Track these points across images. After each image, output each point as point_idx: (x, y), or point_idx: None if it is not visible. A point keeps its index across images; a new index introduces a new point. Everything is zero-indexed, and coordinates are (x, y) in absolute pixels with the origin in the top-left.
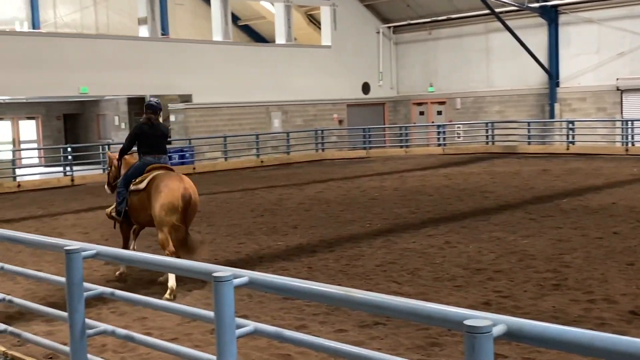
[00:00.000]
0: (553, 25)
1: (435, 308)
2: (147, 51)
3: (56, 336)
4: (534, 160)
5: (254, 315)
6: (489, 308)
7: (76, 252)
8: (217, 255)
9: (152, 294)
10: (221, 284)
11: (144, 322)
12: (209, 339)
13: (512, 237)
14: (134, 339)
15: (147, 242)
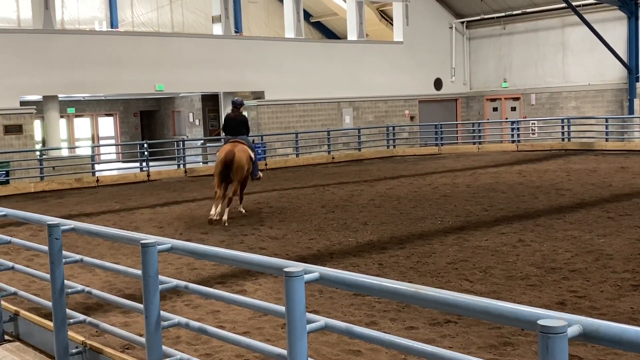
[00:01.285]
0: (633, 18)
1: (508, 307)
2: (221, 49)
3: (132, 327)
4: (612, 158)
5: (324, 310)
6: (563, 308)
7: (152, 246)
8: (289, 250)
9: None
10: (292, 279)
11: (216, 315)
12: (280, 334)
13: (589, 236)
14: (207, 331)
15: (220, 237)
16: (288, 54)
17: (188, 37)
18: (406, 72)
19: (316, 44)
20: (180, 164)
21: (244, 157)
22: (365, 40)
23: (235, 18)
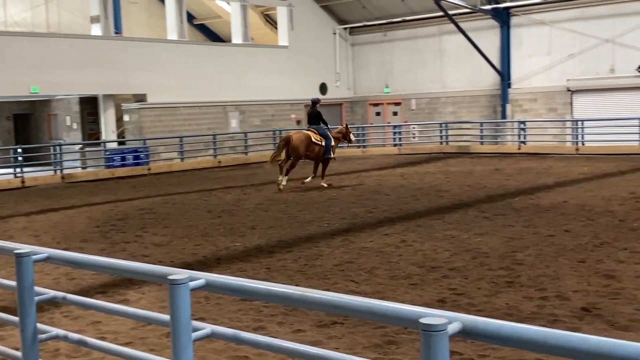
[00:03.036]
0: (505, 27)
1: (391, 307)
2: (100, 50)
3: (7, 341)
4: (487, 160)
5: (211, 317)
6: (444, 306)
7: (26, 256)
8: (173, 257)
9: (106, 298)
10: (177, 287)
11: (97, 327)
12: (165, 343)
13: (466, 235)
14: (87, 343)
15: (101, 245)
16: (171, 56)
17: (65, 37)
18: (292, 76)
19: (201, 46)
20: (57, 169)
21: (298, 141)
22: (250, 43)
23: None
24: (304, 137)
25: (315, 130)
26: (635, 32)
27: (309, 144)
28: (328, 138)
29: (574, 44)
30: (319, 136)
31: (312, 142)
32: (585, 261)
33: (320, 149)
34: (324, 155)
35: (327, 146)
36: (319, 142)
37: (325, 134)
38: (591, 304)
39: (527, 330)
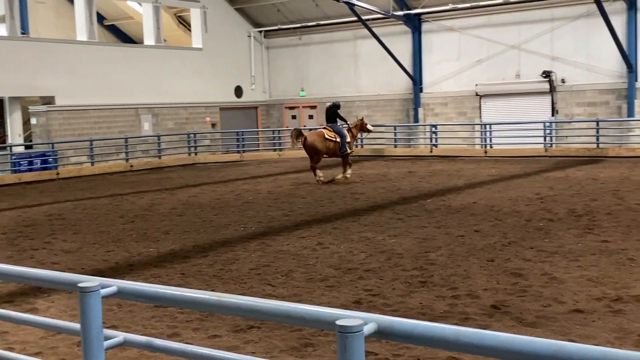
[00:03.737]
0: (417, 33)
1: (308, 309)
2: (6, 51)
3: None
4: (401, 163)
5: (123, 325)
6: (359, 307)
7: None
8: (84, 264)
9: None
10: (87, 295)
11: (4, 337)
12: (76, 352)
13: (381, 237)
14: None
15: (8, 252)
16: (81, 58)
17: None
18: (206, 78)
19: (112, 47)
20: None
21: (310, 140)
22: (163, 45)
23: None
24: (317, 135)
25: (330, 128)
26: (539, 39)
27: (323, 141)
28: (343, 135)
29: (482, 50)
30: (333, 133)
31: (326, 139)
32: (494, 260)
33: (336, 145)
34: (340, 151)
35: (342, 142)
36: (333, 139)
37: (339, 131)
38: (500, 302)
39: (440, 329)
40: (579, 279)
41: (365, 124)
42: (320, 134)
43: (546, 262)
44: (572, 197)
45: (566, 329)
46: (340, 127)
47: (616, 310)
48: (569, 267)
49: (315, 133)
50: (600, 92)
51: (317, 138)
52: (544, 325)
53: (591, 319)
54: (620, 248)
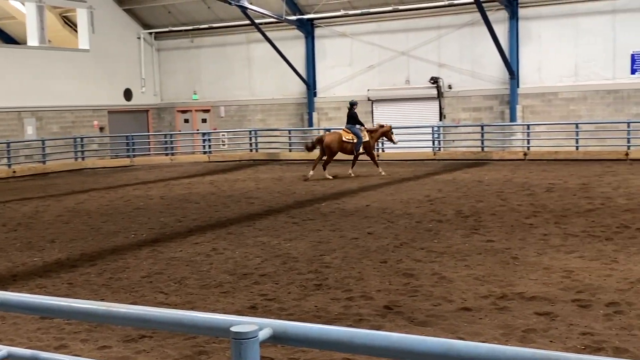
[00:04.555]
0: (310, 37)
1: (201, 317)
2: None
3: None
4: (296, 167)
5: (7, 338)
6: (255, 312)
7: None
8: None
9: None
10: None
11: None
12: None
13: (276, 241)
14: None
15: None
16: None
17: None
18: (94, 81)
19: None
20: None
21: (327, 141)
22: (48, 46)
23: None
24: (335, 136)
25: (348, 129)
26: (427, 46)
27: (340, 142)
28: (359, 137)
29: (373, 56)
30: (350, 135)
31: (344, 141)
32: (387, 261)
33: (353, 146)
34: (355, 150)
35: (358, 142)
36: (351, 141)
37: (357, 132)
38: (393, 302)
39: (334, 332)
40: (467, 278)
41: (391, 134)
42: (338, 136)
43: (436, 262)
44: (459, 198)
45: (455, 327)
46: (357, 129)
47: (501, 307)
48: (457, 267)
49: (334, 134)
50: (485, 98)
51: (334, 140)
52: (434, 323)
53: (478, 317)
54: (505, 247)
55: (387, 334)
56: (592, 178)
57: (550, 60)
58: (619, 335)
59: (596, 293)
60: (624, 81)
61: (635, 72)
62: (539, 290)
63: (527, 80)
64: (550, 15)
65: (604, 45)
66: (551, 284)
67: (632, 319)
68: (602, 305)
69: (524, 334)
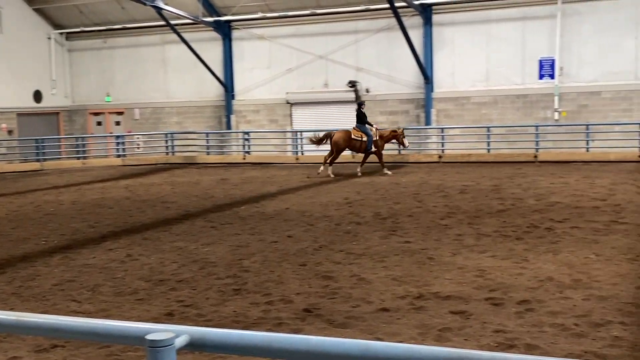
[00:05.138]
0: (227, 39)
1: (115, 325)
2: None
3: None
4: (213, 170)
5: None
6: (172, 319)
7: None
8: None
9: None
10: None
11: None
12: None
13: (194, 246)
14: None
15: None
16: None
17: None
18: (2, 82)
19: None
20: None
21: (335, 138)
22: None
23: None
24: (344, 134)
25: (357, 128)
26: (345, 50)
27: (349, 140)
28: (369, 135)
29: (291, 59)
30: (360, 133)
31: (352, 139)
32: (307, 264)
33: (362, 144)
34: (365, 150)
35: (369, 141)
36: (359, 138)
37: (366, 131)
38: (312, 305)
39: (253, 337)
40: (385, 279)
41: (402, 137)
42: (347, 134)
43: (355, 264)
44: (377, 201)
45: (374, 328)
46: (367, 128)
47: (418, 307)
48: (376, 268)
49: (342, 132)
50: (401, 102)
51: (342, 137)
52: (353, 325)
53: (396, 317)
54: (421, 248)
55: (306, 337)
56: (503, 180)
57: (464, 65)
58: (530, 332)
59: (508, 291)
60: (533, 86)
61: (543, 77)
62: (453, 289)
63: (442, 84)
64: (463, 22)
65: (514, 52)
66: (465, 283)
67: (542, 316)
68: (514, 303)
69: (440, 332)
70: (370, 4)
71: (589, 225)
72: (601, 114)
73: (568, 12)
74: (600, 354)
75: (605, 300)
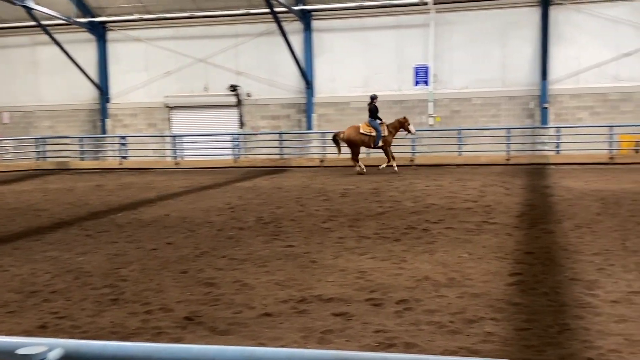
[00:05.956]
0: (102, 41)
1: None
2: None
3: None
4: (88, 176)
5: None
6: (45, 332)
7: None
8: None
9: None
10: None
11: None
12: None
13: (68, 255)
14: None
15: None
16: None
17: None
18: None
19: None
20: None
21: (347, 134)
22: None
23: None
24: (353, 129)
25: (368, 122)
26: (225, 53)
27: (357, 134)
28: (378, 130)
29: (170, 62)
30: (369, 128)
31: (361, 133)
32: (188, 271)
33: (370, 138)
34: (374, 144)
35: (377, 136)
36: (368, 133)
37: (376, 126)
38: (193, 313)
39: (131, 347)
40: (267, 284)
41: (408, 125)
42: (355, 128)
43: (237, 269)
44: (259, 205)
45: (257, 333)
46: (377, 124)
47: (301, 310)
48: (258, 273)
49: (352, 127)
50: (282, 106)
51: (352, 132)
52: (236, 331)
53: (279, 321)
54: (304, 251)
55: (187, 346)
56: (382, 183)
57: (343, 71)
58: (408, 331)
59: (387, 292)
60: (409, 92)
61: (418, 84)
62: (335, 291)
63: (322, 89)
64: (341, 28)
65: (391, 59)
66: (347, 285)
67: (420, 315)
68: (393, 303)
69: (322, 335)
70: (251, 8)
71: (462, 225)
72: (472, 119)
73: (440, 21)
74: (474, 350)
75: (478, 298)
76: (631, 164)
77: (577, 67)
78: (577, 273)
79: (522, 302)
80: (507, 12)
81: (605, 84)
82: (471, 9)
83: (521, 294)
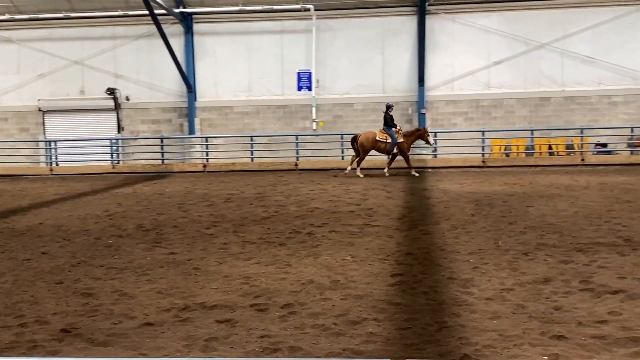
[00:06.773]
0: None
1: None
2: None
3: None
4: None
5: None
6: None
7: None
8: None
9: None
10: None
11: None
12: None
13: None
14: None
15: None
16: None
17: None
18: None
19: None
20: None
21: (361, 139)
22: None
23: None
24: (369, 135)
25: (384, 130)
26: (102, 55)
27: (373, 141)
28: (394, 137)
29: (43, 64)
30: (385, 135)
31: (377, 140)
32: (64, 282)
33: (386, 145)
34: (390, 151)
35: (392, 143)
36: (384, 140)
37: (392, 134)
38: (70, 324)
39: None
40: (149, 292)
41: (427, 136)
42: (371, 135)
43: (116, 278)
44: (140, 212)
45: (138, 344)
46: (393, 131)
47: (184, 318)
48: (139, 282)
49: (368, 133)
50: (164, 110)
51: (366, 138)
52: (115, 342)
53: (161, 331)
54: (187, 258)
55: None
56: (266, 187)
57: (226, 75)
58: (293, 335)
59: (272, 296)
60: (292, 97)
61: (301, 89)
62: (219, 298)
63: (205, 94)
64: (224, 32)
65: (274, 64)
66: (231, 291)
67: (304, 318)
68: (278, 308)
69: (206, 343)
70: (129, 9)
71: (345, 228)
72: (354, 124)
73: (322, 27)
74: (357, 350)
75: (360, 299)
76: (501, 167)
77: (452, 74)
78: (454, 272)
79: (402, 302)
80: (386, 20)
81: (478, 91)
82: (352, 16)
83: (402, 294)
